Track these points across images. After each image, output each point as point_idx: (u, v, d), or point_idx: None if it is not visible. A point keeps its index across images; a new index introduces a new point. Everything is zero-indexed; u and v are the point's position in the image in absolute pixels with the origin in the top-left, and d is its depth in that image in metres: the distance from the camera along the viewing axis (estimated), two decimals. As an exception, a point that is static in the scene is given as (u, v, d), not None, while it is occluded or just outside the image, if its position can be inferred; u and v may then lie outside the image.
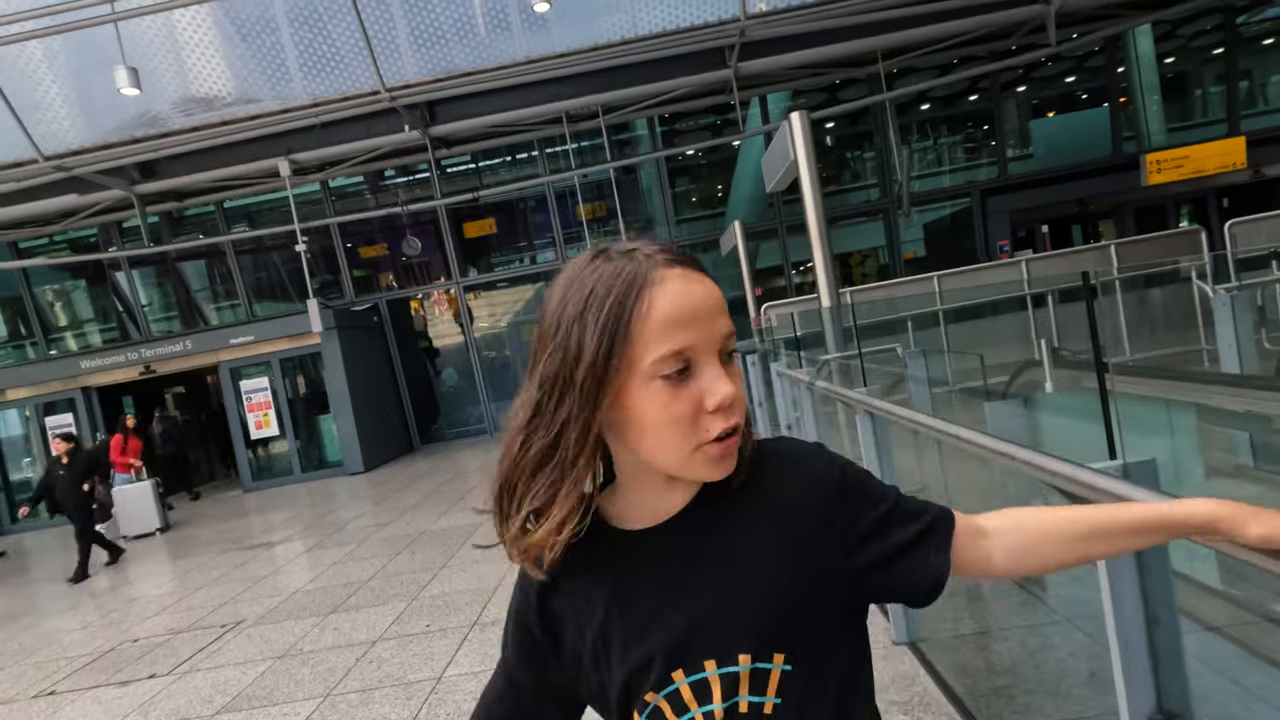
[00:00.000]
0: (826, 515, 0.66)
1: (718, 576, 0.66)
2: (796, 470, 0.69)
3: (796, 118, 4.23)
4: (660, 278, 0.61)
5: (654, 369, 0.60)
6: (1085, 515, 0.67)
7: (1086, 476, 1.06)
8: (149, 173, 11.00)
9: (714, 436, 0.61)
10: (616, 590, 0.68)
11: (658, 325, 0.60)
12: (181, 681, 3.98)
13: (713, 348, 0.62)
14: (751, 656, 0.63)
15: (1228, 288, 4.86)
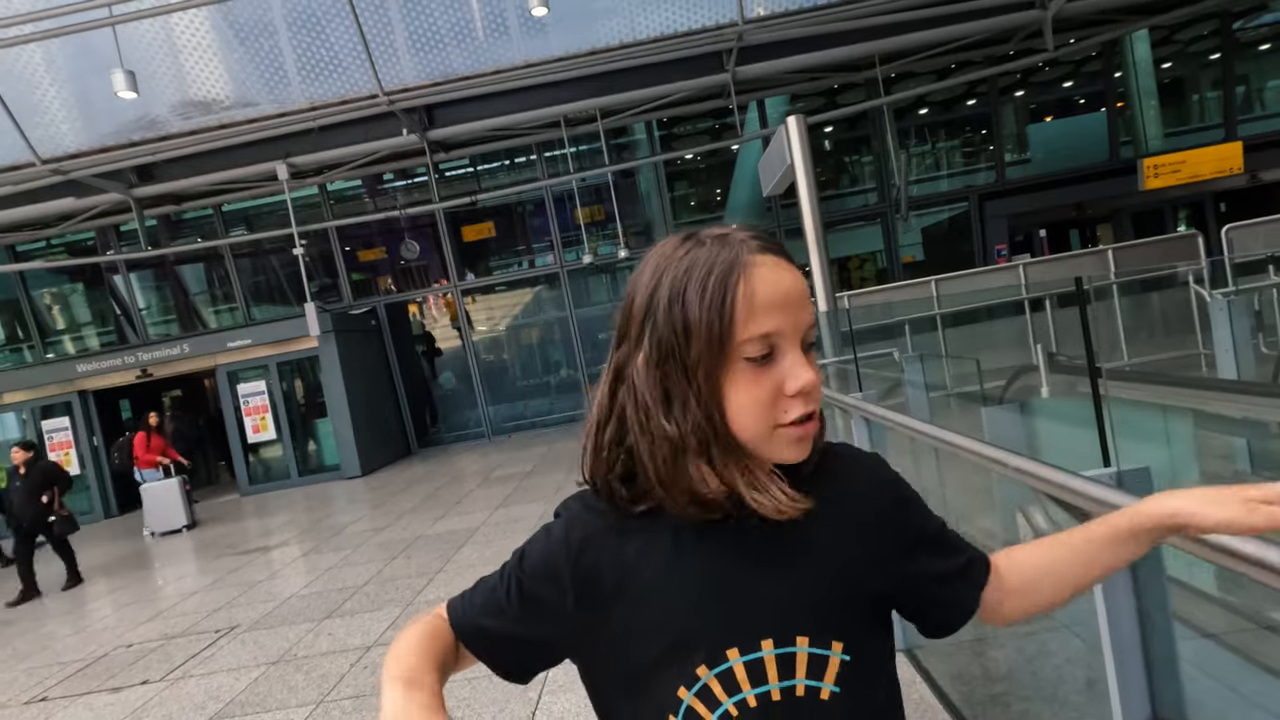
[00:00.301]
0: (888, 514, 0.71)
1: (781, 556, 0.66)
2: (861, 468, 0.73)
3: (793, 122, 4.23)
4: (756, 262, 0.63)
5: (741, 350, 0.62)
6: (1065, 539, 0.69)
7: (1078, 484, 1.05)
8: (146, 176, 10.99)
9: (791, 419, 0.63)
10: (674, 557, 0.67)
11: (751, 308, 0.61)
12: (174, 688, 3.95)
13: (797, 335, 0.63)
14: (809, 640, 0.64)
15: (1225, 292, 4.86)
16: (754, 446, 0.65)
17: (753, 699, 0.64)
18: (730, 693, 0.64)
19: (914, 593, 0.71)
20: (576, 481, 0.74)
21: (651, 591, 0.67)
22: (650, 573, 0.67)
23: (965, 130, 14.08)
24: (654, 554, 0.68)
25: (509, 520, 6.49)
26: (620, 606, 0.68)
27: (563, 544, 0.70)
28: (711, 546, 0.67)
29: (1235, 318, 4.38)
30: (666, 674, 0.66)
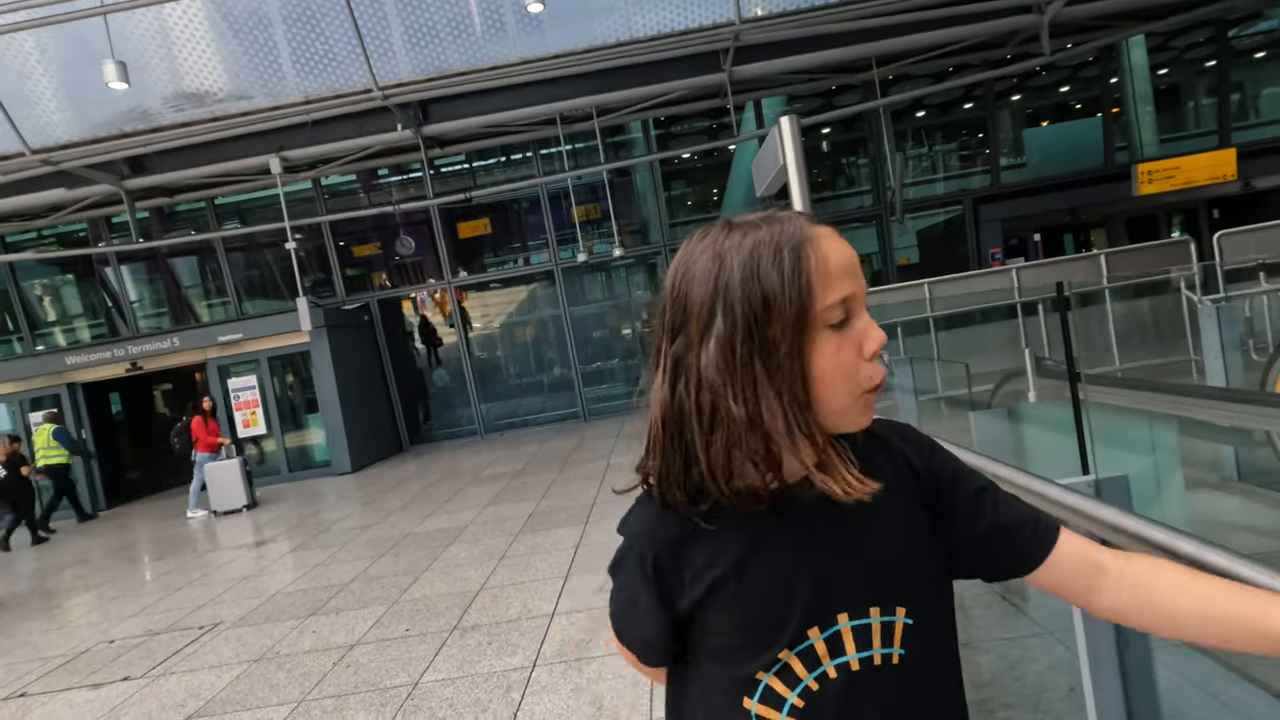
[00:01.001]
0: (935, 477, 0.72)
1: (846, 530, 0.68)
2: (900, 436, 0.75)
3: (786, 122, 4.19)
4: (820, 234, 0.65)
5: (824, 317, 0.63)
6: (1213, 599, 0.64)
7: (1054, 493, 1.03)
8: (138, 168, 10.90)
9: (876, 383, 0.65)
10: (750, 543, 0.68)
11: (827, 275, 0.63)
12: (155, 685, 3.91)
13: (862, 299, 0.66)
14: (880, 609, 0.67)
15: (1215, 299, 4.86)
16: (836, 417, 0.66)
17: (833, 670, 0.67)
18: (810, 668, 0.67)
19: (972, 547, 0.72)
20: (614, 489, 0.76)
21: (727, 593, 0.69)
22: (722, 575, 0.69)
23: (961, 134, 14.09)
24: (723, 555, 0.69)
25: (498, 519, 6.47)
26: (699, 611, 0.71)
27: (639, 574, 0.73)
28: (778, 537, 0.69)
29: (1225, 324, 4.39)
30: (744, 662, 0.69)
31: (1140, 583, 0.67)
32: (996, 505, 0.72)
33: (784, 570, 0.68)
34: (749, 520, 0.68)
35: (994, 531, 0.71)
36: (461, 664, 3.52)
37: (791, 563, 0.68)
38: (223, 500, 9.35)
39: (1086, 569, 0.69)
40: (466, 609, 4.28)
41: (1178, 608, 0.65)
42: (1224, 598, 0.63)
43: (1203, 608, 0.63)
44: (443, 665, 3.54)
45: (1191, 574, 0.67)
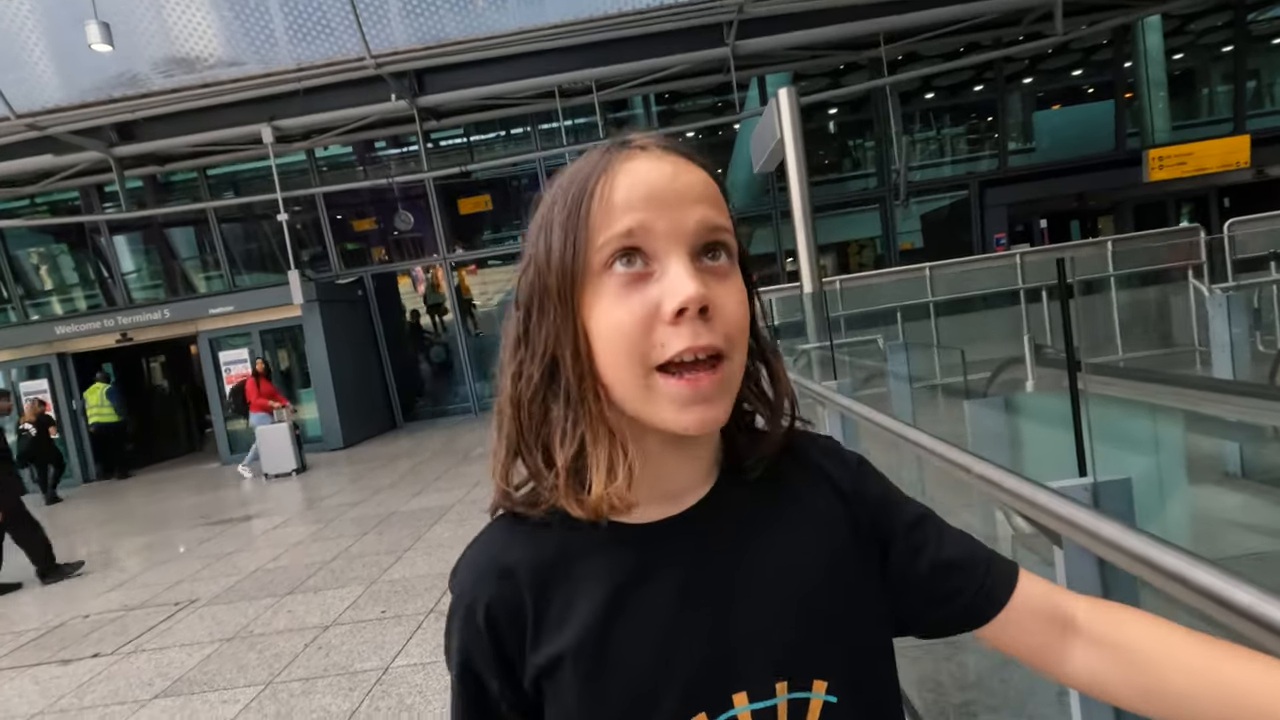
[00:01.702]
0: (865, 501, 0.57)
1: (744, 589, 0.52)
2: (821, 451, 0.59)
3: (784, 94, 4.01)
4: (627, 158, 0.50)
5: (600, 257, 0.48)
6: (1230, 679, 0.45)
7: (1045, 499, 0.89)
8: (127, 134, 10.68)
9: (669, 355, 0.46)
10: (612, 604, 0.51)
11: (609, 207, 0.48)
12: (124, 662, 3.84)
13: (679, 237, 0.48)
14: (789, 685, 0.51)
15: (1224, 288, 4.71)
16: (633, 405, 0.49)
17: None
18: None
19: (908, 592, 0.56)
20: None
21: (581, 669, 0.51)
22: (575, 641, 0.51)
23: (970, 116, 13.81)
24: (576, 613, 0.51)
25: (484, 499, 6.36)
26: (549, 684, 0.52)
27: (468, 615, 0.53)
28: (662, 586, 0.52)
29: (1233, 314, 4.24)
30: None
31: (1125, 647, 0.50)
32: (940, 538, 0.57)
33: (658, 637, 0.51)
34: (612, 564, 0.52)
35: (936, 572, 0.55)
36: (435, 649, 3.42)
37: (670, 626, 0.51)
38: (273, 463, 9.27)
39: (1054, 624, 0.53)
40: (446, 591, 4.18)
41: (1178, 686, 0.47)
42: (1244, 676, 0.44)
43: (1213, 689, 0.45)
44: (415, 650, 3.45)
45: (1199, 640, 0.47)
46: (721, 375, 0.48)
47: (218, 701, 3.21)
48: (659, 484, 0.53)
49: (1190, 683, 0.46)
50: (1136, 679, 0.49)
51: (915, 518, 0.57)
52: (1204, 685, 0.46)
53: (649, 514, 0.53)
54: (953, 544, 0.57)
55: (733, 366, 0.49)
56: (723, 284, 0.49)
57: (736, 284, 0.50)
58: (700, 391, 0.47)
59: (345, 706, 2.98)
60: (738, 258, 0.52)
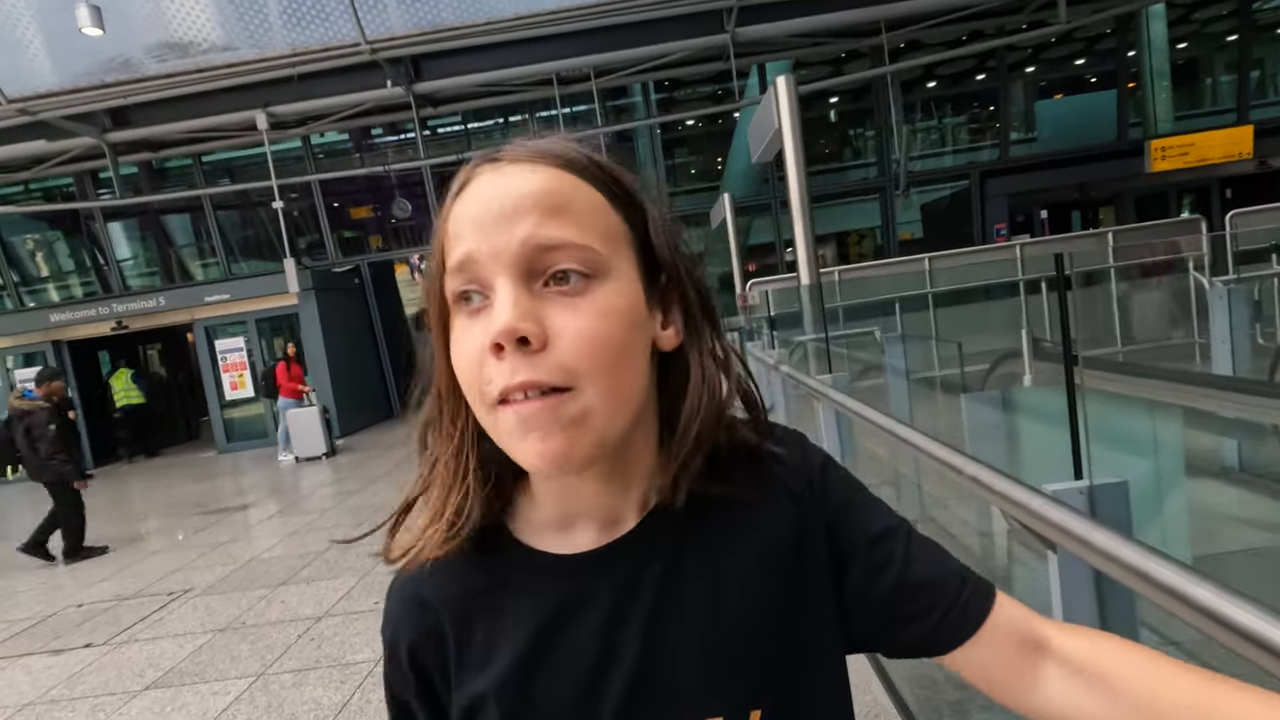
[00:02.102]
0: (825, 507, 0.52)
1: (675, 621, 0.49)
2: (777, 455, 0.53)
3: (782, 83, 3.96)
4: (470, 176, 0.48)
5: (450, 289, 0.46)
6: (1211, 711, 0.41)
7: (1039, 504, 0.86)
8: (121, 120, 10.57)
9: (494, 394, 0.43)
10: (535, 641, 0.49)
11: (453, 233, 0.46)
12: (116, 653, 3.83)
13: (505, 261, 0.44)
14: (726, 715, 0.48)
15: (1225, 280, 4.67)
16: (492, 434, 0.46)
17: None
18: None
19: (870, 609, 0.52)
20: None
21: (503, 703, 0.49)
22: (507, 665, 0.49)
23: (971, 105, 13.69)
24: (507, 647, 0.49)
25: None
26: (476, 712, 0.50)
27: (393, 650, 0.53)
28: (587, 622, 0.49)
29: (1234, 307, 4.20)
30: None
31: (1107, 677, 0.45)
32: (909, 553, 0.51)
33: (584, 674, 0.48)
34: (534, 601, 0.49)
35: (902, 590, 0.50)
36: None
37: (596, 661, 0.48)
38: (304, 447, 9.33)
39: (1025, 649, 0.48)
40: (439, 582, 4.17)
41: (1140, 706, 0.43)
42: (1226, 707, 0.41)
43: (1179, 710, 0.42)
44: (408, 641, 3.43)
45: (1188, 671, 0.44)
46: (552, 405, 0.43)
47: (209, 693, 3.20)
48: (591, 520, 0.51)
49: (1180, 717, 0.42)
50: (1120, 712, 0.44)
51: (881, 531, 0.52)
52: (1180, 709, 0.42)
53: (582, 542, 0.51)
54: (923, 560, 0.51)
55: (585, 396, 0.44)
56: (567, 309, 0.44)
57: (589, 304, 0.44)
58: (527, 420, 0.43)
59: (337, 699, 2.97)
60: (615, 269, 0.46)
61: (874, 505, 0.54)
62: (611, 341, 0.44)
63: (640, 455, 0.51)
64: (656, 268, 0.49)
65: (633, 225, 0.49)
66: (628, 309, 0.46)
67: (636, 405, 0.48)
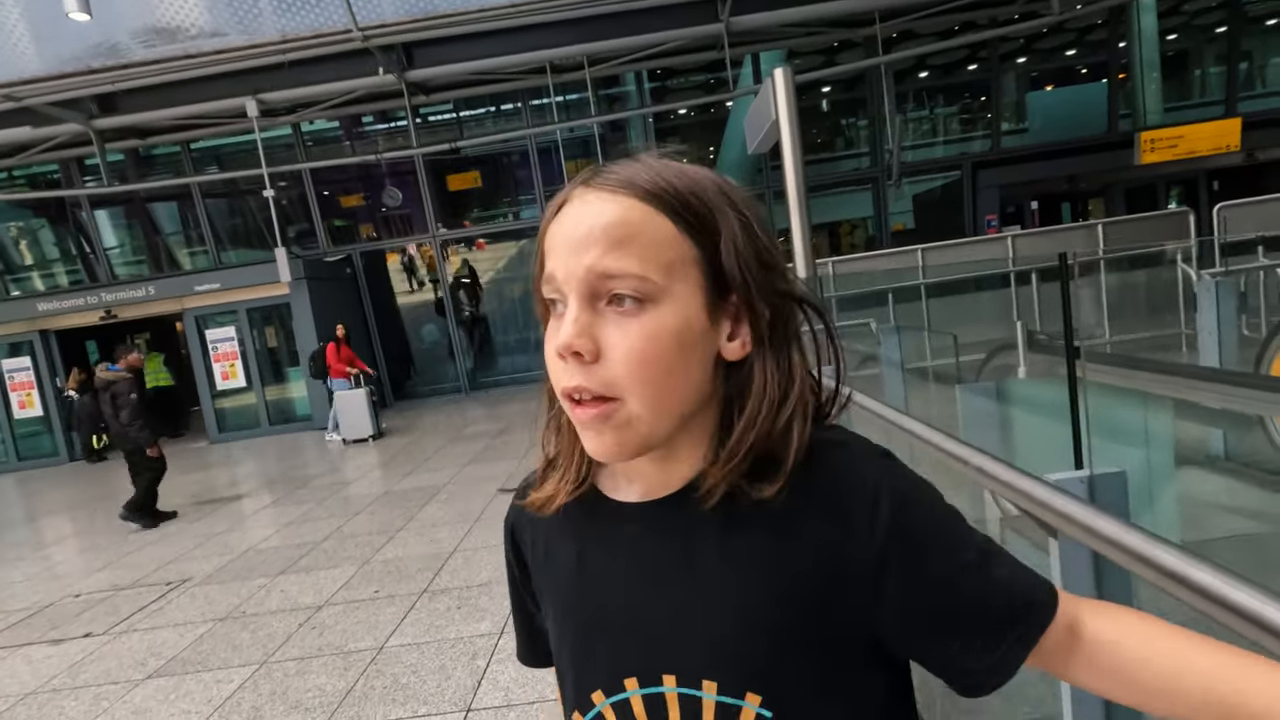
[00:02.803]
0: (859, 556, 0.52)
1: (697, 581, 0.54)
2: (847, 475, 0.54)
3: (779, 73, 3.96)
4: (567, 198, 0.54)
5: (541, 293, 0.55)
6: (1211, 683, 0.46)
7: (1043, 493, 0.90)
8: (108, 107, 10.44)
9: (561, 389, 0.53)
10: (582, 561, 0.60)
11: (547, 250, 0.54)
12: (116, 642, 3.84)
13: (574, 284, 0.51)
14: (718, 687, 0.53)
15: (1213, 273, 4.75)
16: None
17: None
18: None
19: (920, 643, 0.54)
20: None
21: (555, 591, 0.63)
22: (555, 568, 0.63)
23: (963, 96, 13.73)
24: (561, 553, 0.62)
25: (476, 479, 6.38)
26: (542, 602, 0.65)
27: (505, 526, 0.69)
28: (616, 554, 0.59)
29: (1222, 299, 4.28)
30: (569, 693, 0.61)
31: (1118, 647, 0.50)
32: (978, 586, 0.52)
33: (612, 596, 0.58)
34: (594, 525, 0.60)
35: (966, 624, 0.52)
36: (429, 628, 3.45)
37: (624, 592, 0.57)
38: (351, 429, 9.32)
39: (1067, 637, 0.52)
40: (438, 572, 4.21)
41: (1160, 682, 0.48)
42: (1227, 673, 0.46)
43: (1209, 690, 0.46)
44: (409, 629, 3.47)
45: (1196, 640, 0.49)
46: (604, 412, 0.51)
47: (212, 681, 3.23)
48: (653, 477, 0.58)
49: (1185, 683, 0.47)
50: (1133, 679, 0.50)
51: (955, 571, 0.52)
52: (1199, 685, 0.47)
53: (629, 495, 0.59)
54: (990, 591, 0.52)
55: (629, 406, 0.51)
56: (619, 328, 0.51)
57: (637, 327, 0.50)
58: (584, 423, 0.53)
59: (340, 685, 3.01)
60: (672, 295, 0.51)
61: (956, 542, 0.53)
62: (656, 360, 0.51)
63: (693, 443, 0.56)
64: (726, 282, 0.53)
65: (703, 248, 0.53)
66: (678, 330, 0.51)
67: (684, 411, 0.54)
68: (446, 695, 2.81)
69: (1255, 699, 0.45)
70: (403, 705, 2.78)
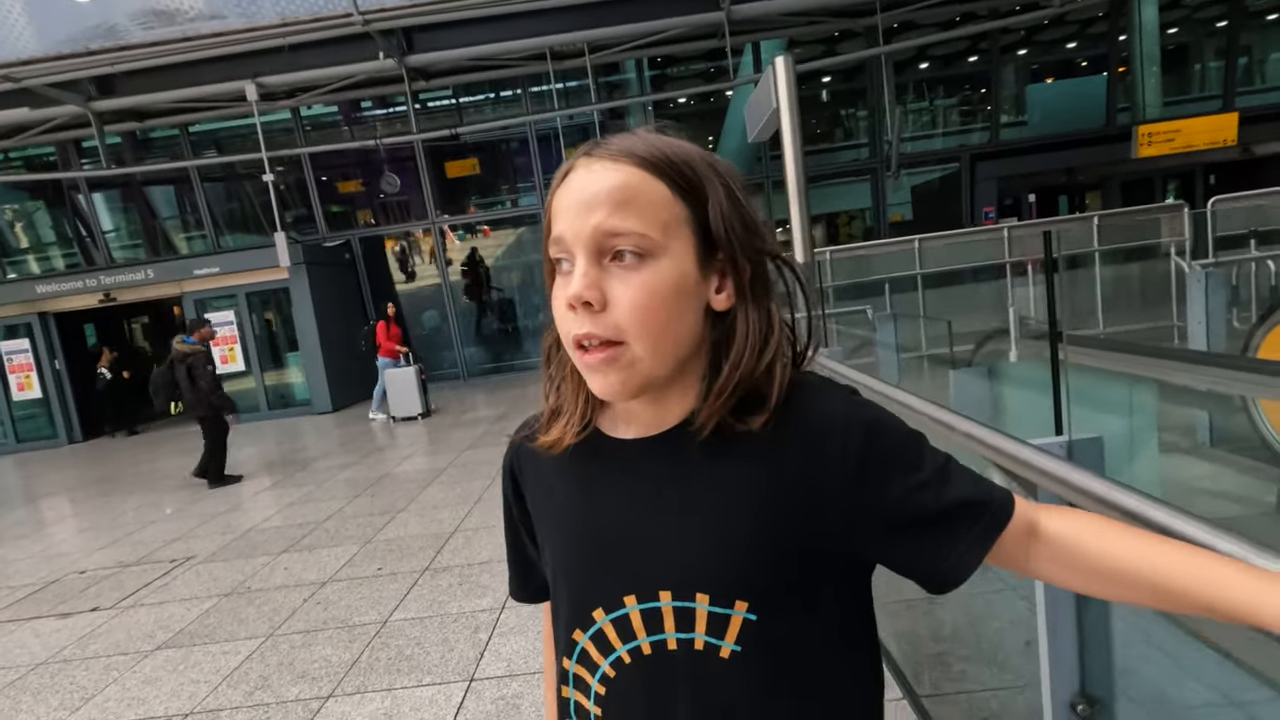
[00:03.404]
0: (833, 476, 0.59)
1: (689, 505, 0.61)
2: (819, 406, 0.62)
3: (780, 62, 4.00)
4: (576, 165, 0.60)
5: (550, 251, 0.61)
6: (1157, 567, 0.54)
7: (1026, 454, 0.97)
8: (106, 89, 10.40)
9: (570, 338, 0.60)
10: (584, 492, 0.66)
11: (553, 211, 0.60)
12: (124, 616, 3.91)
13: (581, 241, 0.58)
14: (710, 598, 0.60)
15: (1204, 264, 4.82)
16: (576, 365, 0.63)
17: (647, 646, 0.62)
18: (625, 639, 0.62)
19: (892, 547, 0.61)
20: None
21: (556, 522, 0.69)
22: (556, 507, 0.69)
23: (963, 88, 13.75)
24: (561, 487, 0.68)
25: (476, 462, 6.46)
26: (540, 528, 0.71)
27: (504, 461, 0.75)
28: (614, 486, 0.65)
29: (1211, 291, 4.35)
30: (569, 615, 0.66)
31: (1076, 544, 0.58)
32: (940, 492, 0.59)
33: (609, 522, 0.64)
34: (593, 459, 0.66)
35: (934, 524, 0.60)
36: (431, 604, 3.53)
37: (619, 516, 0.64)
38: (400, 407, 9.31)
39: (1023, 537, 0.60)
40: (440, 550, 4.29)
41: (1118, 570, 0.56)
42: (1172, 570, 0.54)
43: (1153, 572, 0.54)
44: (413, 604, 3.55)
45: (1135, 532, 0.58)
46: (611, 354, 0.58)
47: (219, 653, 3.30)
48: (647, 416, 0.64)
49: (1142, 570, 0.55)
50: (1091, 569, 0.58)
51: (916, 485, 0.59)
52: (1155, 570, 0.55)
53: (627, 434, 0.66)
54: (954, 489, 0.60)
55: (633, 349, 0.58)
56: (621, 280, 0.57)
57: (638, 278, 0.57)
58: (591, 365, 0.59)
59: (346, 656, 3.09)
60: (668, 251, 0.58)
61: (919, 458, 0.61)
62: (656, 308, 0.58)
63: (684, 386, 0.63)
64: (713, 241, 0.60)
65: (694, 210, 0.60)
66: (674, 282, 0.58)
67: (680, 354, 0.61)
68: (450, 666, 2.89)
69: (1208, 584, 0.52)
70: (407, 675, 2.86)
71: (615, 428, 0.66)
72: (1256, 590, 0.50)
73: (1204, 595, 0.52)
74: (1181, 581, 0.53)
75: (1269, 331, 3.21)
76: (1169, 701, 1.86)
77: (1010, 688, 2.14)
